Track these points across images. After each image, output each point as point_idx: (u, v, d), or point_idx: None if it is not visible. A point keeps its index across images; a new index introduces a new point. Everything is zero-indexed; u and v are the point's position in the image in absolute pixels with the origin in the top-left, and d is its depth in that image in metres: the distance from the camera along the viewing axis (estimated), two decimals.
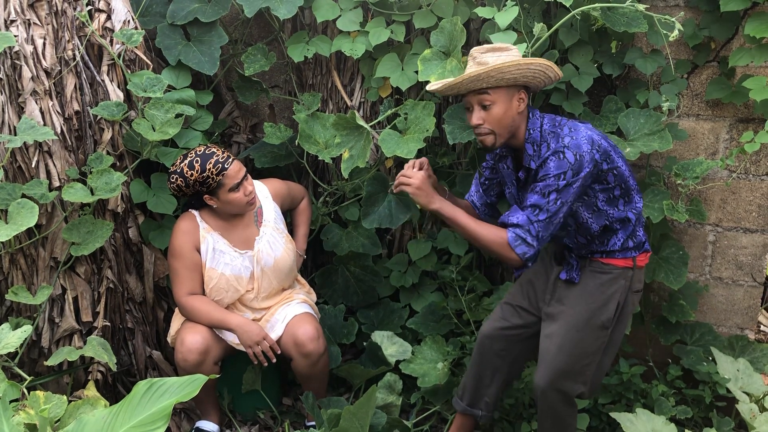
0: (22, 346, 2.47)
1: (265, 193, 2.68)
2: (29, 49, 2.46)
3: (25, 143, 2.43)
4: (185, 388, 1.65)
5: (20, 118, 2.42)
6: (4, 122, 2.43)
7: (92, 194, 2.45)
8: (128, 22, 2.66)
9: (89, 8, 2.61)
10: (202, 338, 2.48)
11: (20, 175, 2.49)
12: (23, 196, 2.40)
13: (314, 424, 2.68)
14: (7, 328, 2.21)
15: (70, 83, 2.54)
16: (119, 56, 2.63)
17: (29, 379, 2.33)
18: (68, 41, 2.56)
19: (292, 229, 2.87)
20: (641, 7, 2.32)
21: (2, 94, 2.43)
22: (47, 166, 2.50)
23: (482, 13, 2.47)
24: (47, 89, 2.49)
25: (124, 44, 2.62)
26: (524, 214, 1.96)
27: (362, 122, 2.67)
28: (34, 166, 2.47)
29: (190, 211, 2.59)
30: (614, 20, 2.43)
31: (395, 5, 2.75)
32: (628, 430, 2.30)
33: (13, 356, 2.48)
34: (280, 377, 2.93)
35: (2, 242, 2.49)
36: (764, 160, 2.62)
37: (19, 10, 2.48)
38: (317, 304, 2.92)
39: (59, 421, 2.13)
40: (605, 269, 2.11)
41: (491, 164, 2.28)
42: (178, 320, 2.64)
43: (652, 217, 2.50)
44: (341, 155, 2.73)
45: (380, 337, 2.80)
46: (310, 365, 2.55)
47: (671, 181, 2.69)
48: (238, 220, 2.59)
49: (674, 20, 2.30)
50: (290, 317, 2.59)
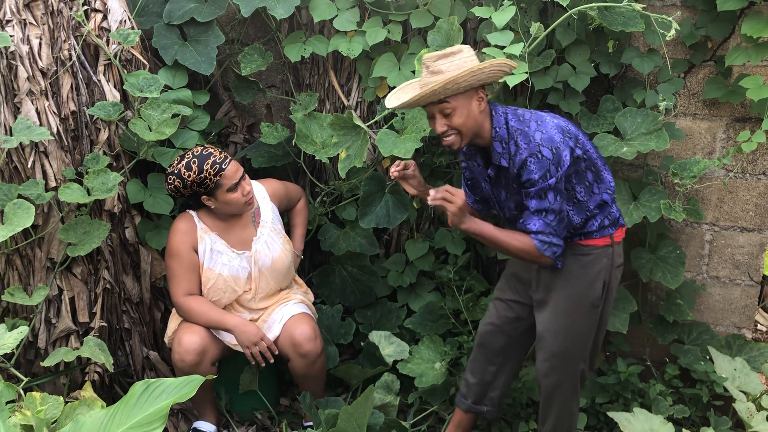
0: (18, 347, 2.47)
1: (262, 193, 2.68)
2: (25, 49, 2.45)
3: (21, 143, 2.43)
4: (182, 388, 1.65)
5: (16, 118, 2.41)
6: (0, 122, 2.42)
7: (89, 194, 2.44)
8: (125, 21, 2.65)
9: (85, 8, 2.60)
10: (199, 339, 2.48)
11: (16, 175, 2.48)
12: (19, 196, 2.40)
13: (312, 424, 2.68)
14: (3, 328, 2.21)
15: (66, 83, 2.53)
16: (116, 56, 2.62)
17: (26, 380, 2.33)
18: (64, 41, 2.55)
19: (289, 229, 2.87)
20: (638, 6, 2.32)
21: None
22: (43, 166, 2.50)
23: (479, 12, 2.47)
24: (43, 89, 2.48)
25: (120, 44, 2.61)
26: (539, 219, 2.01)
27: (359, 122, 2.66)
28: (30, 166, 2.46)
29: (187, 211, 2.58)
30: (611, 20, 2.43)
31: (392, 5, 2.75)
32: (625, 429, 2.31)
33: (9, 357, 2.47)
34: (277, 377, 2.93)
35: None
36: (761, 159, 2.62)
37: (14, 9, 2.47)
38: (315, 304, 2.92)
39: (56, 422, 2.13)
40: (586, 251, 2.14)
41: (465, 164, 2.30)
42: (175, 320, 2.63)
43: (649, 216, 2.50)
44: (338, 155, 2.72)
45: (378, 337, 2.80)
46: (307, 365, 2.55)
47: (668, 180, 2.70)
48: (235, 220, 2.58)
49: (671, 20, 2.30)
50: (287, 317, 2.58)
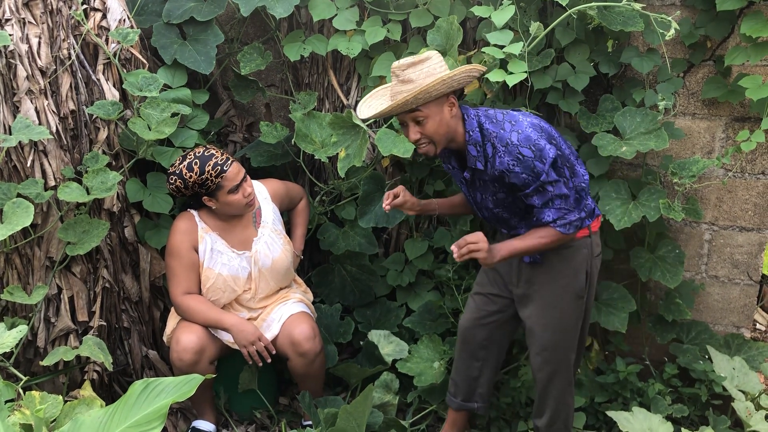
0: (17, 345, 2.47)
1: (264, 193, 2.68)
2: (24, 48, 2.45)
3: (20, 142, 2.43)
4: (181, 387, 1.65)
5: (15, 117, 2.41)
6: None
7: (88, 194, 2.44)
8: (124, 21, 2.65)
9: (84, 7, 2.60)
10: (197, 338, 2.48)
11: (15, 174, 2.48)
12: (18, 195, 2.40)
13: (311, 423, 2.68)
14: (2, 327, 2.20)
15: (65, 82, 2.53)
16: (115, 55, 2.62)
17: (25, 379, 2.33)
18: (63, 40, 2.55)
19: (289, 228, 2.87)
20: (637, 6, 2.32)
21: None
22: (42, 165, 2.50)
23: (479, 12, 2.47)
24: (42, 88, 2.48)
25: (119, 43, 2.61)
26: (549, 209, 2.04)
27: (358, 121, 2.66)
28: (29, 165, 2.46)
29: (188, 210, 2.58)
30: (610, 19, 2.43)
31: (391, 4, 2.75)
32: (624, 428, 2.31)
33: (8, 356, 2.47)
34: (276, 376, 2.93)
35: None
36: (760, 158, 2.62)
37: (14, 8, 2.47)
38: (314, 303, 2.92)
39: (55, 421, 2.13)
40: (566, 244, 2.15)
41: (447, 167, 2.32)
42: (174, 319, 2.63)
43: (648, 215, 2.50)
44: (338, 154, 2.72)
45: (377, 336, 2.80)
46: (306, 364, 2.55)
47: (667, 179, 2.70)
48: (236, 220, 2.58)
49: (670, 19, 2.30)
50: (286, 316, 2.59)
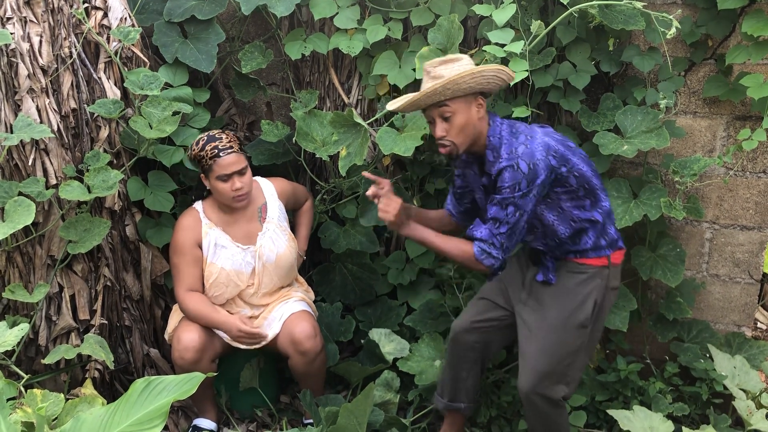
0: (19, 344, 2.47)
1: (270, 190, 2.69)
2: (26, 46, 2.45)
3: (21, 141, 2.43)
4: (183, 386, 1.65)
5: (17, 115, 2.41)
6: (0, 120, 2.42)
7: (89, 192, 2.45)
8: (125, 19, 2.65)
9: (86, 6, 2.60)
10: (198, 336, 2.48)
11: (17, 172, 2.48)
12: (20, 194, 2.40)
13: (312, 421, 2.68)
14: (4, 326, 2.20)
15: (66, 81, 2.53)
16: (116, 54, 2.62)
17: (26, 377, 2.33)
18: (65, 39, 2.55)
19: (293, 229, 2.87)
20: (638, 4, 2.32)
21: None
22: (44, 163, 2.50)
23: (480, 10, 2.47)
24: (44, 87, 2.48)
25: (120, 42, 2.61)
26: (486, 228, 2.02)
27: (360, 120, 2.67)
28: (30, 163, 2.46)
29: (193, 206, 2.60)
30: (612, 17, 2.43)
31: (392, 3, 2.75)
32: (625, 427, 2.31)
33: (10, 354, 2.47)
34: (277, 375, 2.93)
35: None
36: (761, 157, 2.62)
37: (15, 7, 2.47)
38: (315, 301, 2.92)
39: (56, 419, 2.13)
40: (581, 269, 2.12)
41: (460, 172, 2.31)
42: (175, 317, 2.64)
43: (649, 214, 2.50)
44: (339, 153, 2.72)
45: (378, 334, 2.80)
46: (307, 363, 2.55)
47: (668, 178, 2.70)
48: (240, 214, 2.59)
49: (671, 18, 2.30)
50: (287, 315, 2.59)
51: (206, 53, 2.80)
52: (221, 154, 2.43)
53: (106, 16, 2.63)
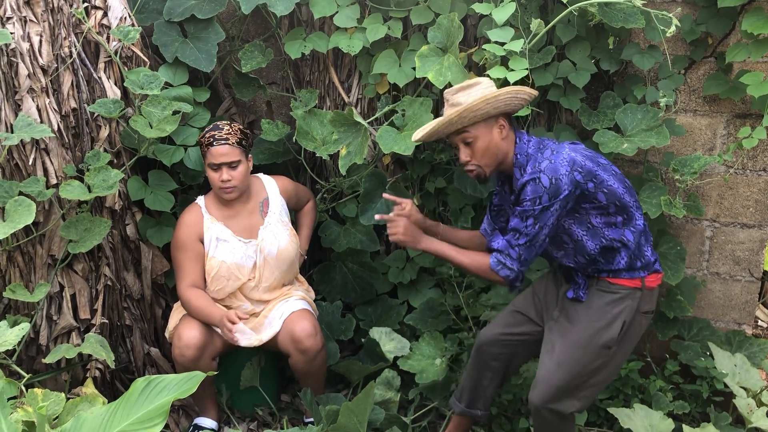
0: (20, 343, 2.47)
1: (273, 187, 2.71)
2: (26, 46, 2.45)
3: (22, 141, 2.43)
4: (183, 385, 1.65)
5: (17, 115, 2.42)
6: (0, 120, 2.42)
7: (89, 192, 2.45)
8: (125, 19, 2.65)
9: (86, 5, 2.60)
10: (199, 334, 2.48)
11: (17, 172, 2.48)
12: (20, 193, 2.40)
13: (312, 420, 2.68)
14: (5, 325, 2.21)
15: (66, 80, 2.54)
16: (116, 53, 2.62)
17: (27, 376, 2.33)
18: (65, 38, 2.55)
19: (295, 229, 2.87)
20: (638, 2, 2.32)
21: None
22: (44, 163, 2.50)
23: (479, 9, 2.47)
24: (44, 86, 2.49)
25: (120, 41, 2.61)
26: (505, 239, 2.02)
27: (360, 119, 2.67)
28: (31, 163, 2.46)
29: (195, 202, 2.63)
30: (611, 16, 2.43)
31: (392, 1, 2.75)
32: (625, 425, 2.31)
33: (11, 354, 2.48)
34: (278, 374, 2.94)
35: (0, 240, 2.48)
36: (761, 155, 2.62)
37: (15, 7, 2.47)
38: (315, 300, 2.92)
39: (57, 418, 2.13)
40: (612, 289, 2.08)
41: (498, 190, 2.29)
42: (176, 315, 2.64)
43: (649, 212, 2.50)
44: (339, 152, 2.73)
45: (378, 333, 2.80)
46: (307, 362, 2.55)
47: (669, 176, 2.70)
48: (242, 207, 2.60)
49: (671, 16, 2.30)
50: (288, 313, 2.59)
51: (206, 52, 2.80)
52: (214, 143, 2.48)
53: (105, 15, 2.64)
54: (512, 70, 2.38)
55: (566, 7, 2.40)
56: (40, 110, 2.47)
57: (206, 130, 2.53)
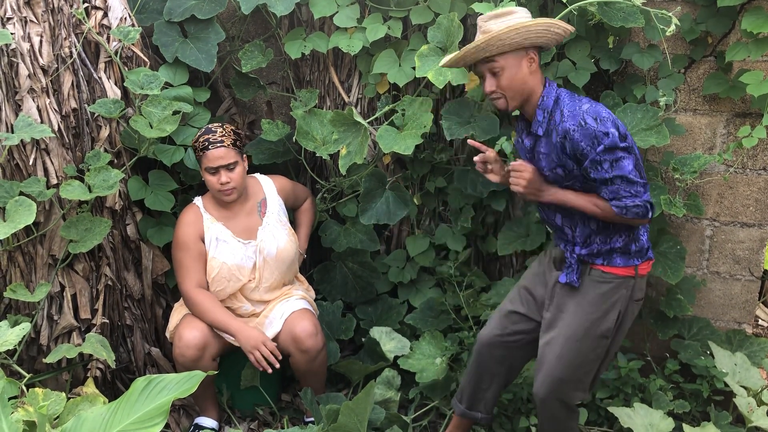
0: (20, 343, 2.48)
1: (270, 187, 2.71)
2: (26, 46, 2.45)
3: (22, 141, 2.43)
4: (183, 384, 1.65)
5: (17, 115, 2.42)
6: (1, 120, 2.43)
7: (90, 192, 2.45)
8: (125, 19, 2.66)
9: (86, 5, 2.60)
10: (200, 334, 2.49)
11: (18, 172, 2.49)
12: (21, 193, 2.40)
13: (313, 419, 2.68)
14: (5, 325, 2.21)
15: (67, 81, 2.54)
16: (116, 53, 2.63)
17: (28, 376, 2.33)
18: (65, 39, 2.55)
19: (294, 228, 2.87)
20: (638, 2, 2.32)
21: None
22: (45, 163, 2.50)
23: (479, 8, 2.47)
24: (44, 87, 2.49)
25: (121, 41, 2.61)
26: (606, 187, 1.93)
27: (360, 118, 2.67)
28: (31, 163, 2.47)
29: (194, 202, 2.62)
30: (611, 15, 2.43)
31: (392, 1, 2.75)
32: (626, 424, 2.31)
33: (11, 354, 2.48)
34: (278, 373, 2.93)
35: (0, 240, 2.49)
36: (761, 154, 2.62)
37: (15, 7, 2.47)
38: (315, 300, 2.93)
39: (58, 418, 2.14)
40: (606, 278, 2.06)
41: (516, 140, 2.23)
42: (177, 315, 2.64)
43: None
44: (339, 151, 2.73)
45: (379, 332, 2.81)
46: (308, 361, 2.56)
47: (669, 175, 2.70)
48: (240, 208, 2.60)
49: (671, 15, 2.30)
50: (288, 313, 2.59)
51: (206, 52, 2.81)
52: (210, 147, 2.46)
53: (106, 15, 2.64)
54: (569, 25, 2.35)
55: (566, 6, 2.40)
56: (40, 110, 2.47)
57: (198, 134, 2.51)
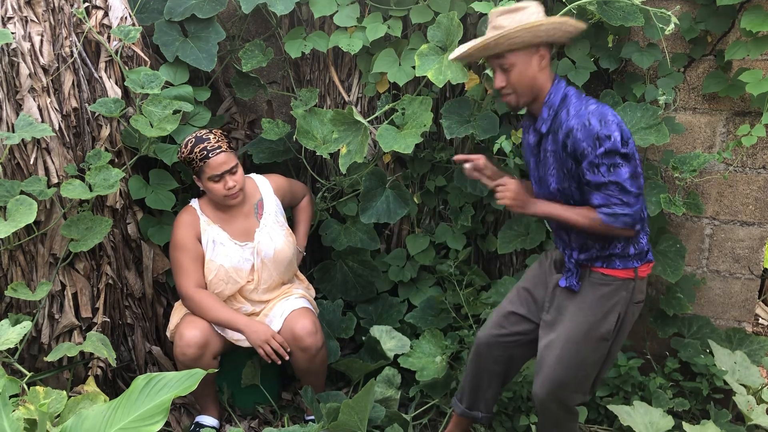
0: (21, 342, 2.48)
1: (266, 187, 2.70)
2: (27, 46, 2.46)
3: (23, 140, 2.44)
4: (184, 382, 1.66)
5: (18, 115, 2.43)
6: (2, 119, 2.43)
7: (91, 191, 2.46)
8: (125, 18, 2.66)
9: (86, 5, 2.61)
10: (200, 332, 2.49)
11: (19, 171, 2.49)
12: (22, 192, 2.41)
13: (313, 418, 2.69)
14: (6, 324, 2.22)
15: (67, 80, 2.54)
16: (117, 53, 2.63)
17: (29, 374, 2.34)
18: (65, 38, 2.56)
19: (292, 226, 2.87)
20: (637, 0, 2.33)
21: (0, 91, 2.44)
22: (45, 162, 2.51)
23: (479, 7, 2.47)
24: (45, 86, 2.49)
25: (121, 41, 2.62)
26: (599, 193, 1.93)
27: (360, 117, 2.67)
28: (32, 162, 2.47)
29: (190, 204, 2.61)
30: (610, 14, 2.43)
31: (392, 0, 2.75)
32: (626, 422, 2.32)
33: (12, 352, 2.49)
34: (279, 372, 2.94)
35: (1, 239, 2.49)
36: (761, 153, 2.62)
37: (16, 7, 2.48)
38: (315, 298, 2.93)
39: (59, 416, 2.14)
40: (606, 281, 2.05)
41: (523, 137, 2.21)
42: (177, 314, 2.65)
43: (649, 210, 2.51)
44: (339, 150, 2.73)
45: (379, 331, 2.81)
46: (308, 359, 2.56)
47: (668, 174, 2.70)
48: (237, 211, 2.60)
49: (670, 14, 2.30)
50: (288, 312, 2.60)
51: (207, 52, 2.81)
52: (210, 155, 2.43)
53: (106, 15, 2.64)
54: (580, 23, 2.35)
55: (565, 5, 2.40)
56: (41, 110, 2.48)
57: (191, 146, 2.45)
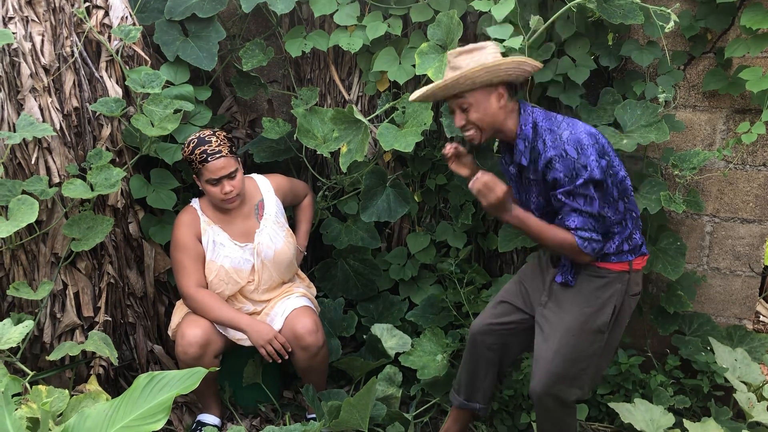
0: (24, 341, 2.49)
1: (267, 187, 2.70)
2: (27, 46, 2.46)
3: (24, 140, 2.44)
4: (185, 381, 1.66)
5: (19, 114, 2.43)
6: (3, 119, 2.44)
7: (92, 190, 2.46)
8: (126, 18, 2.67)
9: (87, 5, 2.61)
10: (202, 331, 2.50)
11: (20, 171, 2.50)
12: (23, 192, 2.41)
13: (315, 416, 2.70)
14: (8, 323, 2.22)
15: (68, 80, 2.55)
16: (117, 52, 2.63)
17: (31, 374, 2.35)
18: (66, 38, 2.56)
19: (293, 225, 2.88)
20: None
21: (1, 91, 2.44)
22: (47, 162, 2.51)
23: (479, 6, 2.48)
24: (46, 86, 2.50)
25: (122, 40, 2.62)
26: (577, 216, 1.97)
27: (360, 116, 2.68)
28: (33, 162, 2.48)
29: (191, 204, 2.62)
30: (610, 12, 2.44)
31: None
32: (626, 420, 2.32)
33: (15, 351, 2.49)
34: (280, 370, 2.95)
35: (3, 238, 2.50)
36: (761, 150, 2.63)
37: (17, 7, 2.48)
38: (317, 297, 2.93)
39: (61, 414, 2.15)
40: (601, 273, 2.08)
41: (500, 159, 2.26)
42: (179, 313, 2.65)
43: (649, 208, 2.51)
44: (339, 149, 2.74)
45: (380, 329, 2.82)
46: (309, 358, 2.56)
47: (668, 172, 2.70)
48: (237, 211, 2.61)
49: (670, 12, 2.30)
50: (289, 311, 2.60)
51: (207, 51, 2.81)
52: (209, 159, 2.43)
53: (107, 15, 2.65)
54: (537, 62, 2.37)
55: (565, 3, 2.40)
56: (42, 109, 2.49)
57: (192, 146, 2.45)
